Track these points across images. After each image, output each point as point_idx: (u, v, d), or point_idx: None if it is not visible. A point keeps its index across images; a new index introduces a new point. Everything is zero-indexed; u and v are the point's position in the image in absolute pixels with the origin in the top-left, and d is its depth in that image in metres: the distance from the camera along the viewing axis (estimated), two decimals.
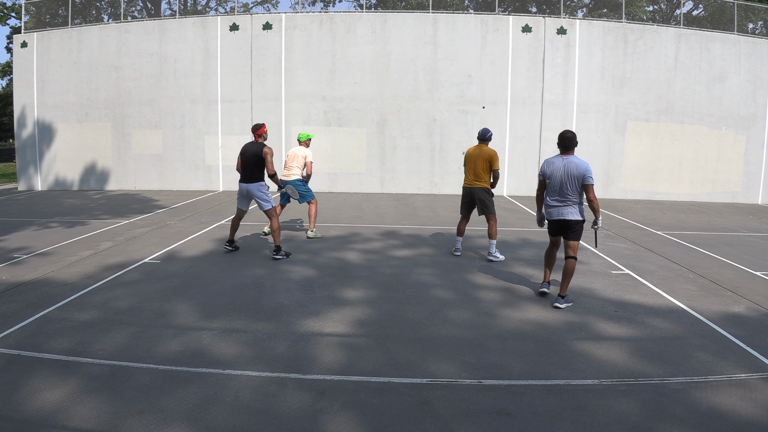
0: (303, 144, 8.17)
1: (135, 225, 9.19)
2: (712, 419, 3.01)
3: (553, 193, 5.08)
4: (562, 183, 4.99)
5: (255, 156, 6.62)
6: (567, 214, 5.02)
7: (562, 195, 5.01)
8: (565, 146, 5.06)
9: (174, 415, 2.98)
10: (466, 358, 3.81)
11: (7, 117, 34.36)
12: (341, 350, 3.93)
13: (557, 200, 5.06)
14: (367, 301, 5.12)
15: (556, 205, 5.07)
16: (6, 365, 3.58)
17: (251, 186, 6.71)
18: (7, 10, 26.53)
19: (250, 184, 6.71)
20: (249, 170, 6.69)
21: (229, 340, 4.08)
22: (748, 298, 5.36)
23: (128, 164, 15.73)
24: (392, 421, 2.97)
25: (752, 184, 15.02)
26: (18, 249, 7.17)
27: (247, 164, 6.68)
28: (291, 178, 8.05)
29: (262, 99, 15.10)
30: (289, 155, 8.17)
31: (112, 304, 4.88)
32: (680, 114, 14.77)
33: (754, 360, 3.85)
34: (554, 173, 5.04)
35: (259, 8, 28.41)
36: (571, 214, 5.01)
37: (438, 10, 16.36)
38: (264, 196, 6.77)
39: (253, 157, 6.63)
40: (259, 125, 6.75)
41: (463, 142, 14.73)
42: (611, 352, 3.95)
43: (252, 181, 6.71)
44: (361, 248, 7.47)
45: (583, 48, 14.61)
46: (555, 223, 5.16)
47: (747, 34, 16.39)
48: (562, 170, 4.99)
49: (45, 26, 17.19)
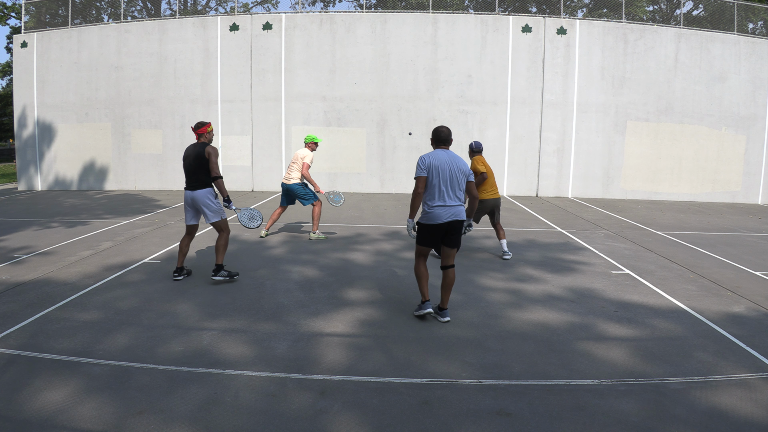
0: (307, 146, 7.98)
1: (135, 225, 9.19)
2: (712, 419, 3.02)
3: (440, 193, 4.40)
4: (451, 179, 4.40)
5: (198, 158, 5.58)
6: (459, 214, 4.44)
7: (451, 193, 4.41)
8: (442, 141, 4.55)
9: (175, 416, 2.98)
10: (466, 358, 3.81)
11: (7, 117, 34.37)
12: (342, 350, 3.94)
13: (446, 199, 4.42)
14: (368, 301, 5.13)
15: (446, 205, 4.42)
16: (6, 365, 3.58)
17: (197, 194, 5.59)
18: (7, 10, 26.53)
19: (196, 191, 5.60)
20: (193, 175, 5.64)
21: (230, 341, 4.08)
22: (748, 298, 5.36)
23: (128, 164, 15.73)
24: (392, 421, 2.97)
25: (752, 184, 15.02)
26: (18, 249, 7.17)
27: (190, 168, 5.65)
28: (291, 182, 7.88)
29: (262, 99, 15.10)
30: (293, 157, 8.03)
31: (112, 304, 4.88)
32: (680, 114, 14.77)
33: (754, 360, 3.85)
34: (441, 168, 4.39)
35: (259, 8, 28.41)
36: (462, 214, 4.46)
37: (438, 10, 16.36)
38: (213, 206, 5.65)
39: (196, 159, 5.58)
40: (202, 123, 5.75)
41: (463, 142, 14.68)
42: (611, 352, 3.95)
43: (198, 187, 5.60)
44: (361, 248, 7.47)
45: (583, 48, 14.61)
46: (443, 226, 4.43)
47: (747, 34, 16.39)
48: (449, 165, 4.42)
49: (45, 26, 17.19)
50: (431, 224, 4.42)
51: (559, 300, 5.22)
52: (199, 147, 5.66)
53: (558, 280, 5.95)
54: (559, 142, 14.86)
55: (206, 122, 5.79)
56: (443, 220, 4.38)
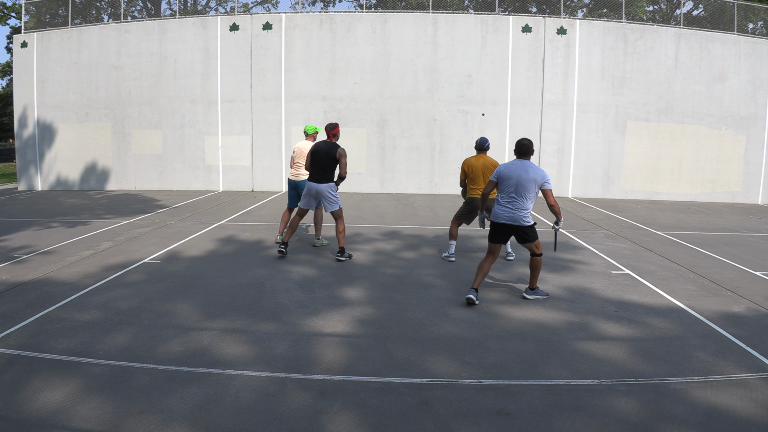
0: (310, 137, 7.48)
1: (135, 225, 9.19)
2: (712, 419, 3.02)
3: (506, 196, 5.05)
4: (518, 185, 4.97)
5: (329, 157, 6.51)
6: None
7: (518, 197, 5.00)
8: (522, 152, 5.10)
9: (174, 415, 2.98)
10: (466, 358, 3.81)
11: (7, 117, 34.36)
12: (341, 350, 3.94)
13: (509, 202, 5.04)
14: (368, 301, 5.13)
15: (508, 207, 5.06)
16: (6, 365, 3.58)
17: (321, 186, 6.59)
18: (7, 10, 26.53)
19: (321, 184, 6.59)
20: (322, 171, 6.58)
21: (230, 340, 4.08)
22: (748, 298, 5.36)
23: (128, 164, 15.73)
24: (392, 421, 2.97)
25: (752, 184, 15.02)
26: (18, 249, 7.17)
27: (320, 164, 6.56)
28: (301, 178, 7.35)
29: (262, 99, 15.10)
30: (296, 151, 7.42)
31: (112, 304, 4.88)
32: (680, 114, 14.77)
33: (754, 360, 3.85)
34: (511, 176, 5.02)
35: (259, 8, 28.41)
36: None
37: (438, 10, 16.36)
38: (332, 197, 6.65)
39: (327, 157, 6.51)
40: (335, 125, 6.65)
41: (463, 142, 14.75)
42: (611, 352, 3.96)
43: (323, 181, 6.59)
44: (361, 248, 7.47)
45: (583, 48, 14.61)
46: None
47: (747, 34, 16.39)
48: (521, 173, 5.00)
49: (45, 26, 17.19)
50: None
51: (559, 300, 5.22)
52: (330, 146, 6.52)
53: (558, 279, 5.95)
54: (559, 142, 14.86)
55: (336, 123, 6.68)
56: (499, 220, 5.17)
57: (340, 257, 6.67)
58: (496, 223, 5.09)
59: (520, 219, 4.97)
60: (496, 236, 5.14)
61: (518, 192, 4.94)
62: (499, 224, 5.07)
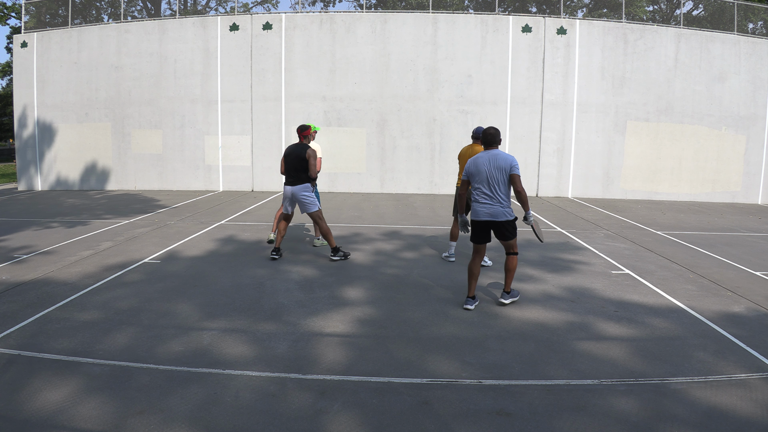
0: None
1: (135, 225, 9.19)
2: (712, 419, 3.02)
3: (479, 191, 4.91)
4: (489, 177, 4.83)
5: (299, 158, 6.51)
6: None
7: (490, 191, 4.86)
8: (488, 143, 4.94)
9: (175, 415, 2.98)
10: (466, 358, 3.81)
11: (7, 117, 34.37)
12: (341, 350, 3.94)
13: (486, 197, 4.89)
14: (368, 301, 5.13)
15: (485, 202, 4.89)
16: (6, 365, 3.58)
17: (295, 189, 6.57)
18: (7, 10, 26.53)
19: (295, 186, 6.58)
20: (294, 172, 6.59)
21: (230, 340, 4.08)
22: (748, 298, 5.36)
23: (128, 164, 15.73)
24: (392, 421, 2.97)
25: (752, 184, 15.02)
26: (18, 249, 7.17)
27: (291, 166, 6.57)
28: None
29: (262, 99, 15.10)
30: None
31: (112, 304, 4.88)
32: (680, 114, 14.77)
33: (754, 360, 3.85)
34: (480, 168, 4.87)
35: (259, 8, 28.42)
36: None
37: (438, 10, 16.36)
38: (308, 199, 6.61)
39: (297, 159, 6.52)
40: (306, 126, 6.65)
41: (463, 142, 14.71)
42: (611, 352, 3.96)
43: (296, 183, 6.58)
44: (361, 248, 7.47)
45: (583, 48, 14.61)
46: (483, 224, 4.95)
47: (747, 34, 16.39)
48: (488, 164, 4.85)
49: (45, 26, 17.18)
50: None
51: (559, 300, 5.22)
52: (301, 148, 6.51)
53: (558, 280, 5.95)
54: (559, 142, 14.86)
55: (308, 125, 6.68)
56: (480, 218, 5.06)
57: (333, 257, 6.68)
58: (477, 222, 4.93)
59: (500, 214, 4.82)
60: (479, 236, 4.99)
61: (491, 184, 4.82)
62: (480, 222, 4.91)
